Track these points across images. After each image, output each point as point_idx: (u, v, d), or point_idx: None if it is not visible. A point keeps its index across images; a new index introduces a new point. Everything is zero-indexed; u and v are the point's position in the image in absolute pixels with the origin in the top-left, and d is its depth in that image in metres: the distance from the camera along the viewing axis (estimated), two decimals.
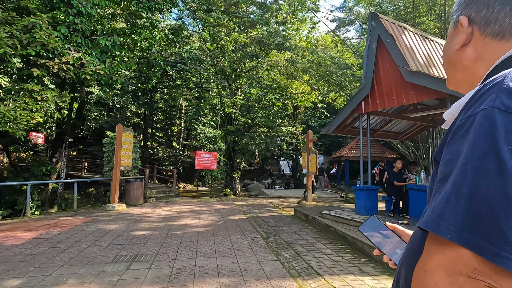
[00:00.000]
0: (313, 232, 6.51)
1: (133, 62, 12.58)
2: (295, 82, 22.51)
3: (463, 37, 0.58)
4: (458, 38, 0.60)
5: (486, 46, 0.57)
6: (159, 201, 11.77)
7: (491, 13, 0.56)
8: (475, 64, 0.58)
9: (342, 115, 7.36)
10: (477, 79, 0.57)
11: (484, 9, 0.57)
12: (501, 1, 0.55)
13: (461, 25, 0.59)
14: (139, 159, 12.38)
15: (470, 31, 0.58)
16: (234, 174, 21.32)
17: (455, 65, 0.62)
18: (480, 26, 0.57)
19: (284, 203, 11.75)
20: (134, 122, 25.88)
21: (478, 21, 0.57)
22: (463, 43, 0.59)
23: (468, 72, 0.60)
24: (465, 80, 0.62)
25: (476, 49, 0.58)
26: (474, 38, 0.58)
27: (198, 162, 15.40)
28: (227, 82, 19.24)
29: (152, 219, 8.01)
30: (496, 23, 0.55)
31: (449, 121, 0.56)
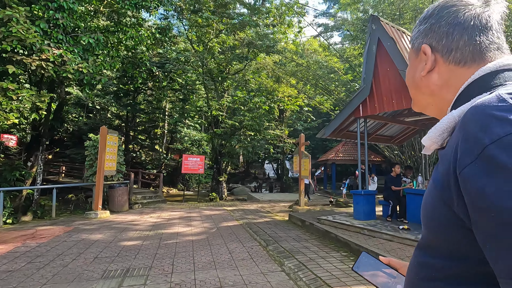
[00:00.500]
0: (312, 239, 6.32)
1: (117, 61, 12.00)
2: (282, 85, 22.50)
3: (428, 64, 0.60)
4: (422, 65, 0.62)
5: (451, 72, 0.58)
6: (145, 207, 11.21)
7: (451, 42, 0.57)
8: (442, 89, 0.60)
9: (340, 118, 7.26)
10: (445, 103, 0.59)
11: (444, 38, 0.58)
12: (459, 30, 0.56)
13: (424, 53, 0.61)
14: (124, 163, 11.76)
15: (433, 59, 0.60)
16: (221, 178, 20.93)
17: (422, 91, 0.64)
18: (443, 54, 0.59)
19: (276, 208, 11.53)
20: (115, 124, 24.89)
21: (440, 49, 0.59)
22: (428, 69, 0.60)
23: (436, 97, 0.61)
24: (433, 104, 0.63)
25: (441, 75, 0.59)
26: (438, 65, 0.59)
27: (185, 166, 14.92)
28: (214, 85, 18.91)
29: (140, 227, 7.53)
30: (457, 50, 0.57)
31: (428, 147, 0.57)
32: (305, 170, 10.42)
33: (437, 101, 0.62)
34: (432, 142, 0.55)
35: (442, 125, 0.53)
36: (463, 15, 0.57)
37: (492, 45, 0.57)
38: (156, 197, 13.07)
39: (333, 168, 21.83)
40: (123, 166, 11.41)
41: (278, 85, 22.40)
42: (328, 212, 8.98)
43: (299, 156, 10.75)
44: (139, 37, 11.82)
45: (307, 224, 7.26)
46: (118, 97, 21.18)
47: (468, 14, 0.57)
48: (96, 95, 20.84)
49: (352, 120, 7.47)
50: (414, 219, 6.50)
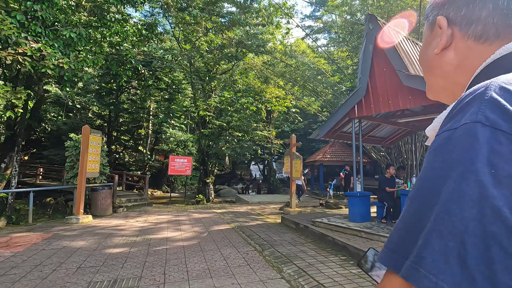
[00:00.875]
0: (308, 242, 6.15)
1: (101, 58, 11.44)
2: (269, 86, 22.39)
3: (443, 39, 0.51)
4: (436, 41, 0.53)
5: (469, 50, 0.49)
6: (130, 211, 10.71)
7: (472, 12, 0.48)
8: (456, 70, 0.51)
9: (334, 119, 7.15)
10: (459, 88, 0.51)
11: (463, 8, 0.49)
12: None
13: (439, 26, 0.52)
14: (108, 165, 11.21)
15: (450, 33, 0.51)
16: (208, 179, 20.54)
17: (435, 72, 0.55)
18: (461, 27, 0.50)
19: (266, 210, 11.32)
20: (96, 124, 23.97)
21: (458, 21, 0.50)
22: (443, 46, 0.52)
23: (449, 79, 0.53)
24: (447, 89, 0.55)
25: (458, 53, 0.50)
26: (455, 40, 0.51)
27: (172, 168, 14.47)
28: (201, 84, 18.53)
29: (126, 233, 7.11)
30: (478, 23, 0.48)
31: (432, 137, 0.48)
32: (296, 171, 10.28)
33: (450, 85, 0.54)
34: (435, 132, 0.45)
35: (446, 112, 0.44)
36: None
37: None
38: (142, 200, 12.55)
39: (321, 169, 21.92)
40: (106, 168, 10.86)
41: (266, 86, 22.27)
42: (321, 214, 8.86)
43: (290, 157, 10.60)
44: (125, 33, 11.33)
45: (302, 227, 7.10)
46: (100, 96, 20.38)
47: None
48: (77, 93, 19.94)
49: (346, 121, 7.39)
50: None
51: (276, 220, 9.01)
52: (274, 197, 17.26)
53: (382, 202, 6.88)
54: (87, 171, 9.06)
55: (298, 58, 20.12)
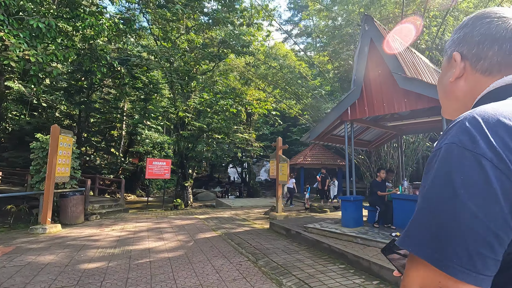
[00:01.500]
0: (302, 250, 5.87)
1: (72, 52, 10.54)
2: (250, 88, 22.13)
3: (457, 70, 0.64)
4: (452, 72, 0.66)
5: (477, 80, 0.62)
6: (104, 218, 9.88)
7: (481, 51, 0.61)
8: (466, 96, 0.64)
9: (326, 121, 6.98)
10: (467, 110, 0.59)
11: (475, 47, 0.62)
12: (490, 40, 0.60)
13: (455, 60, 0.65)
14: (79, 168, 10.29)
15: (463, 66, 0.64)
16: (186, 183, 19.82)
17: (449, 96, 0.68)
18: (472, 62, 0.62)
19: (251, 215, 10.95)
20: (65, 124, 22.37)
21: (470, 57, 0.63)
22: (457, 76, 0.65)
23: (460, 102, 0.66)
24: (458, 110, 0.67)
25: (467, 82, 0.64)
26: (466, 72, 0.64)
27: (149, 171, 13.68)
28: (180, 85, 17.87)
29: (102, 244, 6.43)
30: (485, 60, 0.60)
31: None
32: (283, 175, 10.03)
33: (461, 108, 0.65)
34: None
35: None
36: (495, 26, 0.60)
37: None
38: (117, 205, 11.68)
39: (302, 172, 21.92)
40: (78, 172, 9.94)
41: (247, 87, 22.00)
42: (310, 219, 8.66)
43: (276, 160, 10.33)
44: (100, 27, 10.52)
45: (293, 233, 6.82)
46: (70, 94, 18.99)
47: (501, 25, 0.60)
48: (43, 91, 18.44)
49: (337, 124, 7.25)
50: (401, 225, 6.41)
51: (263, 225, 8.67)
52: (256, 201, 16.93)
53: (374, 206, 6.79)
54: (56, 175, 8.20)
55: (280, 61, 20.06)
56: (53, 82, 18.49)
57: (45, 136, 9.38)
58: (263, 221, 9.51)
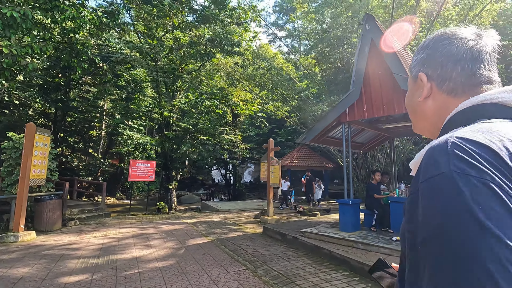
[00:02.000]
0: (301, 256, 5.62)
1: (50, 46, 9.82)
2: (237, 89, 21.82)
3: (425, 91, 0.66)
4: (420, 92, 0.68)
5: (444, 101, 0.63)
6: (84, 224, 9.21)
7: (445, 72, 0.62)
8: (434, 116, 0.65)
9: (324, 122, 6.80)
10: (436, 129, 0.65)
11: (439, 69, 0.63)
12: (452, 61, 0.61)
13: (421, 80, 0.66)
14: (57, 170, 9.55)
15: (429, 86, 0.65)
16: (170, 185, 19.18)
17: (418, 114, 0.70)
18: (437, 83, 0.64)
19: (241, 219, 10.61)
20: (39, 123, 21.07)
21: (435, 78, 0.64)
22: (425, 96, 0.66)
23: (428, 121, 0.68)
24: (427, 129, 0.70)
25: (435, 102, 0.65)
26: (433, 92, 0.65)
27: (133, 173, 13.03)
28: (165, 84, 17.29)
29: (83, 253, 5.89)
30: (450, 81, 0.62)
31: (414, 170, 0.61)
32: (275, 177, 9.78)
33: (430, 127, 0.68)
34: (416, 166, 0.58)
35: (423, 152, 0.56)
36: (456, 47, 0.62)
37: (483, 78, 0.61)
38: (98, 210, 10.97)
39: (289, 174, 21.80)
40: (55, 174, 9.21)
41: (234, 88, 21.67)
42: (304, 223, 8.46)
43: (267, 162, 10.08)
44: (81, 19, 9.87)
45: (290, 238, 6.56)
46: (45, 91, 17.89)
47: (461, 46, 0.61)
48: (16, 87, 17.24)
49: (334, 126, 7.10)
50: (398, 228, 6.31)
51: (255, 230, 8.37)
52: (243, 203, 16.59)
53: (371, 210, 6.67)
54: (31, 177, 7.52)
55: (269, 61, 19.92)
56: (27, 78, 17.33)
57: (18, 135, 8.62)
58: (255, 225, 9.21)
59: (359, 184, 17.17)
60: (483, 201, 0.42)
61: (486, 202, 0.42)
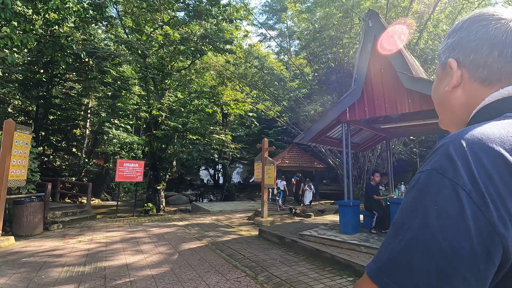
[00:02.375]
0: (302, 261, 5.39)
1: (32, 38, 9.24)
2: (227, 88, 21.49)
3: (454, 79, 0.58)
4: (447, 80, 0.61)
5: (475, 90, 0.57)
6: (68, 227, 8.67)
7: (479, 57, 0.55)
8: (462, 108, 0.59)
9: (323, 122, 6.61)
10: (462, 123, 0.59)
11: (472, 54, 0.56)
12: (489, 46, 0.54)
13: (450, 67, 0.59)
14: (38, 171, 8.97)
15: (459, 74, 0.58)
16: (159, 186, 18.67)
17: (445, 107, 0.63)
18: (469, 70, 0.57)
19: (234, 220, 10.31)
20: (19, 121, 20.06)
21: (466, 65, 0.57)
22: (454, 85, 0.59)
23: (455, 115, 0.61)
24: (453, 122, 0.63)
25: (465, 92, 0.58)
26: (464, 81, 0.58)
27: (120, 173, 12.49)
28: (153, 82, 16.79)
29: (68, 260, 5.45)
30: (484, 68, 0.55)
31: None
32: (269, 178, 9.54)
33: (457, 121, 0.61)
34: None
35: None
36: (493, 29, 0.54)
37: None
38: (82, 212, 10.40)
39: (279, 174, 21.62)
40: (36, 175, 8.63)
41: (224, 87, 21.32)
42: (300, 225, 8.25)
43: (262, 162, 9.83)
44: (66, 11, 9.32)
45: (288, 241, 6.33)
46: (26, 88, 17.00)
47: (500, 28, 0.54)
48: None
49: (332, 125, 6.92)
50: None
51: (250, 232, 8.09)
52: (234, 204, 16.27)
53: (371, 212, 6.52)
54: (10, 178, 6.98)
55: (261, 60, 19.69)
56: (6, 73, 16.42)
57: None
58: (249, 227, 8.94)
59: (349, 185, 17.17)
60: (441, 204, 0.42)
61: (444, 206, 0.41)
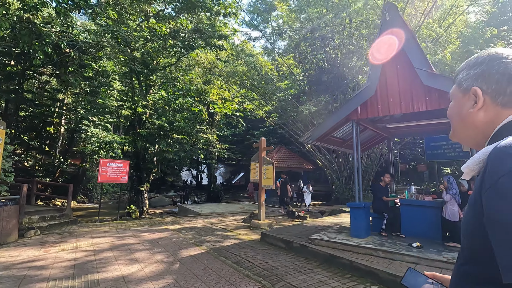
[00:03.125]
0: (316, 268, 5.02)
1: (5, 23, 8.30)
2: (214, 87, 20.90)
3: (479, 104, 0.73)
4: (470, 103, 0.75)
5: (496, 112, 0.72)
6: (47, 233, 7.80)
7: (500, 87, 0.71)
8: (485, 125, 0.73)
9: (332, 120, 6.31)
10: (484, 137, 0.73)
11: (494, 84, 0.72)
12: (507, 79, 0.71)
13: (475, 94, 0.74)
14: (12, 171, 8.03)
15: (482, 100, 0.73)
16: (142, 187, 17.75)
17: (467, 125, 0.77)
18: (491, 97, 0.72)
19: (229, 223, 9.81)
20: None
21: (489, 92, 0.73)
22: (479, 108, 0.73)
23: (478, 130, 0.75)
24: (472, 137, 0.77)
25: (487, 114, 0.73)
26: (486, 105, 0.73)
27: (103, 174, 11.63)
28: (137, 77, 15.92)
29: (53, 273, 4.76)
30: (505, 95, 0.71)
31: (467, 173, 0.71)
32: (267, 178, 9.14)
33: (478, 135, 0.75)
34: (470, 170, 0.70)
35: (478, 156, 0.67)
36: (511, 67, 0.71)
37: None
38: (62, 216, 9.48)
39: None
40: (11, 175, 7.70)
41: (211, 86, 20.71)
42: (302, 227, 7.91)
43: (259, 162, 9.41)
44: None
45: (296, 246, 5.95)
46: None
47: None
48: None
49: (340, 124, 6.64)
50: (409, 233, 6.01)
51: (250, 236, 7.65)
52: (224, 206, 15.73)
53: (380, 214, 6.30)
54: None
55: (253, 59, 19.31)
56: None
57: None
58: (247, 230, 8.49)
59: (340, 186, 17.14)
60: None
61: None
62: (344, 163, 17.15)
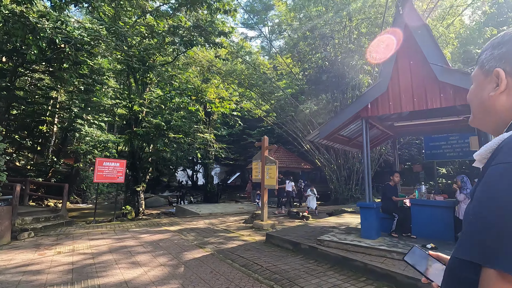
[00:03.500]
0: (328, 270, 4.82)
1: None
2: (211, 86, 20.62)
3: (502, 86, 0.67)
4: (492, 86, 0.69)
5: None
6: (41, 235, 7.46)
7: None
8: (505, 111, 0.67)
9: (341, 118, 6.12)
10: (503, 123, 0.67)
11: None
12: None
13: (497, 76, 0.68)
14: (5, 170, 7.66)
15: (506, 82, 0.66)
16: (138, 187, 17.39)
17: (488, 109, 0.71)
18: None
19: (230, 224, 9.56)
20: None
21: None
22: (501, 91, 0.67)
23: (498, 116, 0.69)
24: (493, 122, 0.71)
25: (509, 97, 0.66)
26: (509, 88, 0.66)
27: (99, 173, 11.28)
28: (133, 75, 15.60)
29: (50, 278, 4.46)
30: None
31: (479, 161, 0.67)
32: (270, 178, 8.93)
33: (497, 120, 0.69)
34: (482, 157, 0.65)
35: (492, 144, 0.63)
36: None
37: None
38: (57, 217, 9.11)
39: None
40: (3, 175, 7.33)
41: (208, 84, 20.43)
42: (307, 228, 7.71)
43: (262, 161, 9.19)
44: None
45: (305, 248, 5.74)
46: None
47: None
48: None
49: (348, 122, 6.46)
50: (420, 233, 5.85)
51: (254, 238, 7.41)
52: (222, 206, 15.47)
53: (390, 214, 6.13)
54: None
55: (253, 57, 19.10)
56: None
57: None
58: (250, 231, 8.26)
59: (340, 186, 17.01)
60: None
61: None
62: (344, 163, 17.02)
